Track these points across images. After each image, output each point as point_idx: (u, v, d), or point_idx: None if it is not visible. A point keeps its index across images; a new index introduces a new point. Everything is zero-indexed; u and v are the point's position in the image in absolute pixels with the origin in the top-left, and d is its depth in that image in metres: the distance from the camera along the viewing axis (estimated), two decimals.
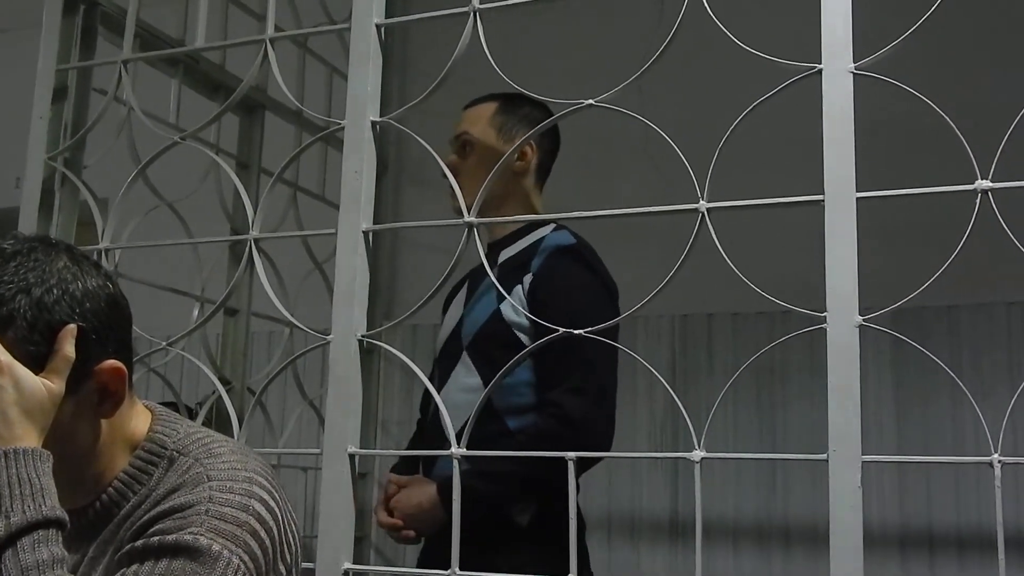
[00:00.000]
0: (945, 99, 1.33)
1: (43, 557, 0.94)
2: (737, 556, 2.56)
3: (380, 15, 1.67)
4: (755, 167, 2.20)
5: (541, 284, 1.89)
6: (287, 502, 1.12)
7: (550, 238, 1.98)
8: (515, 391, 1.87)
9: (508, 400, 1.87)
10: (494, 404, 1.86)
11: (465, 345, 1.95)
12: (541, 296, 1.87)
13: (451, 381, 1.95)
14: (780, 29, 1.91)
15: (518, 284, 1.90)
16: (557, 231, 1.99)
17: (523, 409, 1.87)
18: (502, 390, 1.85)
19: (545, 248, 1.95)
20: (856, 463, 1.27)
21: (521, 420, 1.87)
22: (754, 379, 2.60)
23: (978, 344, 2.45)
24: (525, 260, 1.95)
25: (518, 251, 1.99)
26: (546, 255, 1.93)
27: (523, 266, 1.93)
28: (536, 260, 1.93)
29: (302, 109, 1.93)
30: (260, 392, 1.77)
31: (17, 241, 1.07)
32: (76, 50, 2.09)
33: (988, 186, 1.28)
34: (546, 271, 1.90)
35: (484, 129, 2.01)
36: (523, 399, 1.88)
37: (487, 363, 1.88)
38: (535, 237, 1.99)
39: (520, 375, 1.86)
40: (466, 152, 2.01)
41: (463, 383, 1.93)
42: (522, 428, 1.86)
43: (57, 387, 1.02)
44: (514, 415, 1.88)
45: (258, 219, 1.73)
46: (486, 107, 2.04)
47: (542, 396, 1.85)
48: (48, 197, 2.02)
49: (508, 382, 1.85)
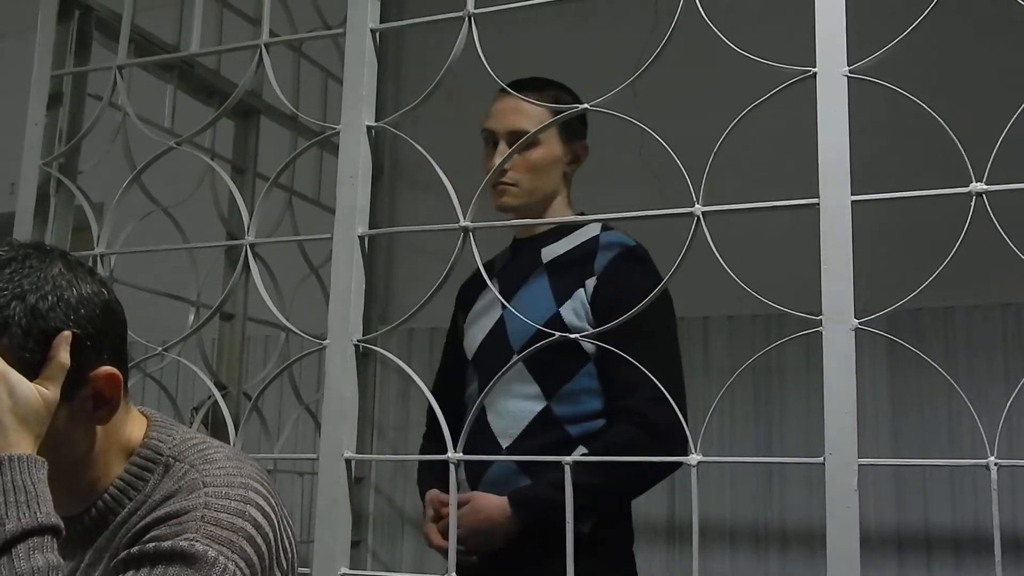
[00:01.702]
0: (939, 102, 1.34)
1: (39, 564, 0.94)
2: (734, 559, 2.56)
3: (375, 20, 1.67)
4: (750, 171, 2.21)
5: (608, 287, 1.80)
6: (283, 507, 1.11)
7: (608, 237, 1.88)
8: (576, 399, 1.80)
9: (569, 408, 1.80)
10: (554, 412, 1.80)
11: (517, 350, 1.81)
12: (609, 300, 1.78)
13: (501, 387, 1.76)
14: (775, 33, 1.91)
15: (579, 288, 1.81)
16: (609, 232, 1.90)
17: (584, 417, 1.80)
18: (562, 398, 1.79)
19: (606, 249, 1.85)
20: (852, 466, 1.27)
21: (582, 427, 1.79)
22: (750, 382, 2.60)
23: (974, 347, 2.45)
24: (582, 262, 1.84)
25: (568, 250, 1.89)
26: (610, 256, 1.84)
27: (582, 267, 1.84)
28: (599, 261, 1.83)
29: (297, 114, 1.93)
30: (256, 397, 1.77)
31: (11, 248, 1.06)
32: (71, 56, 2.09)
33: (982, 189, 1.28)
34: (612, 274, 1.81)
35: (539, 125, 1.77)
36: (584, 407, 1.80)
37: (546, 369, 1.79)
38: (585, 235, 1.89)
39: (581, 381, 1.80)
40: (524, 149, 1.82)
41: (517, 391, 1.82)
42: (588, 435, 1.79)
43: (52, 394, 1.01)
44: (574, 423, 1.80)
45: (254, 224, 1.73)
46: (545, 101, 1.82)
47: (617, 403, 1.77)
48: (43, 202, 2.02)
49: (569, 389, 1.80)
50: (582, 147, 1.93)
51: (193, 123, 1.90)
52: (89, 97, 2.13)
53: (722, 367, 2.63)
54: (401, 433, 2.91)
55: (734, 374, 1.46)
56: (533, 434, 1.80)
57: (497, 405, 1.84)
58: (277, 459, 2.65)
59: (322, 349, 1.58)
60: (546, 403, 1.80)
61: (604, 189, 2.40)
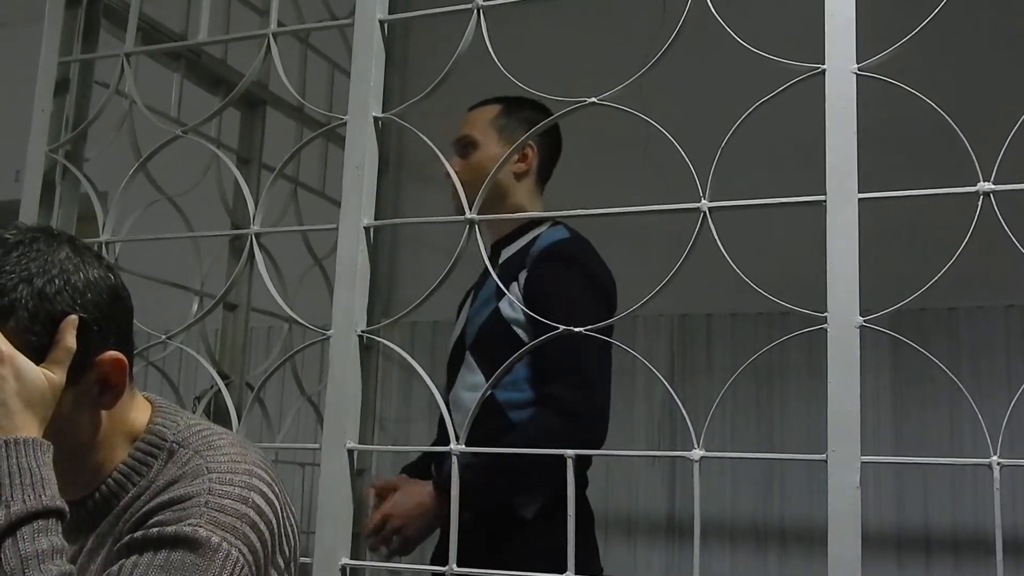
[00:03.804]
0: (948, 101, 1.33)
1: (43, 547, 0.94)
2: (734, 556, 2.57)
3: (383, 11, 1.67)
4: (757, 167, 2.21)
5: (534, 280, 1.92)
6: (286, 495, 1.12)
7: (545, 235, 2.01)
8: (516, 387, 1.91)
9: (509, 395, 1.91)
10: (497, 400, 1.89)
11: (468, 344, 1.99)
12: (534, 292, 1.90)
13: (458, 381, 2.00)
14: (784, 29, 1.91)
15: (514, 280, 1.93)
16: (552, 228, 2.02)
17: (523, 404, 1.90)
18: (504, 386, 1.88)
19: (539, 244, 1.98)
20: (855, 464, 1.27)
21: (521, 414, 1.90)
22: (753, 379, 2.60)
23: (977, 346, 2.45)
24: (522, 257, 1.98)
25: (517, 249, 2.02)
26: (541, 248, 1.97)
27: (520, 263, 1.96)
28: (531, 254, 1.96)
29: (304, 104, 1.93)
30: (259, 387, 1.77)
31: (19, 231, 1.07)
32: (78, 43, 2.09)
33: (990, 188, 1.28)
34: (538, 267, 1.93)
35: (485, 131, 2.05)
36: (523, 394, 1.91)
37: (488, 361, 1.92)
38: (533, 235, 2.02)
39: (519, 371, 1.89)
40: (468, 153, 2.05)
41: (468, 382, 1.97)
42: (522, 421, 1.89)
43: (58, 378, 1.02)
44: (515, 409, 1.90)
45: (259, 214, 1.73)
46: (488, 109, 2.07)
47: (539, 390, 1.88)
48: (49, 190, 2.02)
49: (509, 378, 1.89)
50: (526, 147, 2.04)
51: (199, 112, 1.90)
52: (96, 85, 2.13)
53: (725, 364, 2.63)
54: (402, 425, 2.92)
55: (737, 371, 1.46)
56: (480, 420, 1.85)
57: (456, 398, 1.98)
58: (279, 449, 2.65)
59: (325, 340, 1.58)
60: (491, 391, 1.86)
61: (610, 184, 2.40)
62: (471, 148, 2.05)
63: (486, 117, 2.06)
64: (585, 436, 1.74)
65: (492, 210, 1.93)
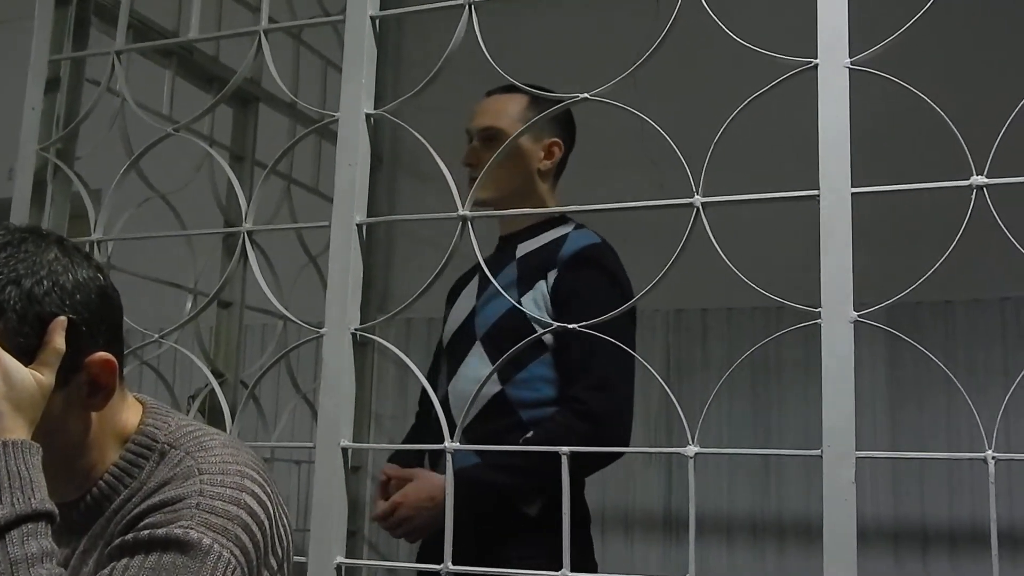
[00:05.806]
0: (941, 95, 1.33)
1: (32, 550, 0.93)
2: (731, 551, 2.57)
3: (375, 7, 1.66)
4: (750, 162, 2.20)
5: (566, 282, 1.87)
6: (279, 495, 1.11)
7: (574, 237, 1.95)
8: (530, 385, 1.86)
9: (523, 394, 1.86)
10: (508, 397, 1.86)
11: (479, 336, 1.92)
12: (565, 293, 1.86)
13: (462, 371, 1.93)
14: (776, 24, 1.90)
15: (542, 279, 1.88)
16: (579, 230, 1.97)
17: (538, 403, 1.86)
18: (517, 384, 1.85)
19: (571, 246, 1.92)
20: (850, 459, 1.27)
21: (535, 413, 1.85)
22: (748, 374, 2.60)
23: (972, 340, 2.45)
24: (548, 256, 1.92)
25: (539, 246, 1.96)
26: (573, 250, 1.91)
27: (547, 262, 1.91)
28: (562, 254, 1.91)
29: (296, 101, 1.93)
30: (253, 385, 1.77)
31: (7, 232, 1.06)
32: (69, 41, 2.08)
33: (983, 182, 1.28)
34: (571, 270, 1.88)
35: (514, 124, 1.91)
36: (538, 393, 1.86)
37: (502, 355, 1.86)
38: (557, 233, 1.96)
39: (536, 370, 1.86)
40: (492, 145, 1.92)
41: (476, 374, 1.88)
42: (538, 421, 1.84)
43: (47, 379, 1.01)
44: (528, 409, 1.86)
45: (252, 211, 1.72)
46: (515, 100, 1.96)
47: (563, 392, 1.84)
48: (40, 188, 2.01)
49: (524, 376, 1.86)
50: (553, 144, 1.98)
51: (191, 110, 1.89)
52: (87, 82, 2.12)
53: (720, 359, 2.63)
54: (398, 422, 2.91)
55: (732, 366, 1.45)
56: (488, 417, 1.85)
57: (459, 389, 1.92)
58: (274, 447, 2.65)
59: (319, 338, 1.57)
60: (501, 387, 1.87)
61: (603, 179, 2.40)
62: (495, 141, 1.91)
63: (514, 109, 1.95)
64: (607, 439, 1.72)
65: (517, 204, 1.91)
